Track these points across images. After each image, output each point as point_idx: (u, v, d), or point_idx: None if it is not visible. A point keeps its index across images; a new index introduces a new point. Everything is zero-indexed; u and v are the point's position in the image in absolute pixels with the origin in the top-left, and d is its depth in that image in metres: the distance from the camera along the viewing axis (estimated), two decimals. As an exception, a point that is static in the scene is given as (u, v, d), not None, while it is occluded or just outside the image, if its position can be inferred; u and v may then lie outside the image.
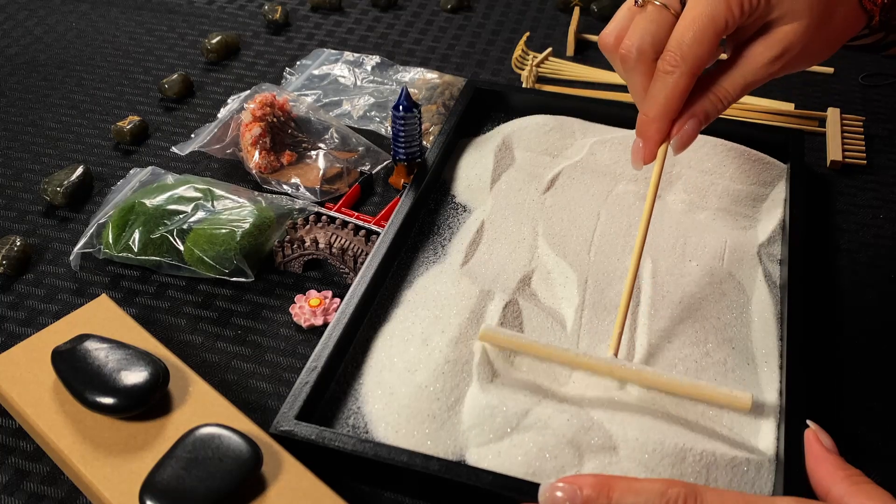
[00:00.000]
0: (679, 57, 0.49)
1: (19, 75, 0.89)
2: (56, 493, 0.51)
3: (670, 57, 0.50)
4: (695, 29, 0.49)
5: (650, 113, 0.52)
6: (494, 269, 0.62)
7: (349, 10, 1.00)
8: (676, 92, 0.51)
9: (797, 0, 0.49)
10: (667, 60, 0.50)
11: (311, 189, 0.71)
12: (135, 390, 0.50)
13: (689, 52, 0.49)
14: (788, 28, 0.50)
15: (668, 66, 0.50)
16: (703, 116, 0.52)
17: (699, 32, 0.49)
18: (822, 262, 0.66)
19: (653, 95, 0.51)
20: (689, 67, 0.50)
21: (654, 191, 0.55)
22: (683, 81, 0.50)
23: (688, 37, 0.49)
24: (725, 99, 0.52)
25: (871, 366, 0.58)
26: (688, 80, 0.50)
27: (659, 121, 0.52)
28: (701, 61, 0.50)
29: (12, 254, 0.65)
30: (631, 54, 0.51)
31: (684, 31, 0.49)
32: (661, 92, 0.51)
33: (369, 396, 0.54)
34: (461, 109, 0.75)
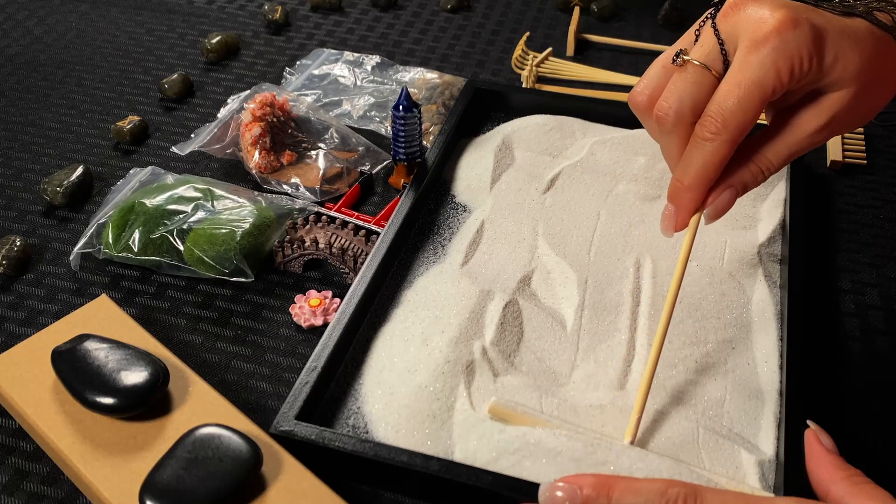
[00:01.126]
0: (720, 124, 0.46)
1: (19, 75, 0.89)
2: (56, 493, 0.51)
3: (710, 123, 0.46)
4: (739, 95, 0.45)
5: (685, 181, 0.48)
6: (494, 269, 0.62)
7: (349, 10, 1.00)
8: (715, 161, 0.47)
9: (846, 68, 0.46)
10: (706, 127, 0.46)
11: (311, 189, 0.71)
12: (135, 390, 0.50)
13: (732, 120, 0.45)
14: (837, 96, 0.46)
15: (708, 133, 0.46)
16: (741, 187, 0.49)
17: (744, 99, 0.45)
18: (822, 262, 0.66)
19: (689, 162, 0.48)
20: (731, 136, 0.46)
21: (684, 260, 0.52)
22: (724, 150, 0.46)
23: (731, 103, 0.45)
24: (767, 170, 0.49)
25: (872, 366, 0.58)
26: (728, 148, 0.46)
27: (694, 190, 0.49)
28: (743, 129, 0.46)
29: (12, 254, 0.65)
30: (668, 118, 0.47)
31: (727, 96, 0.45)
32: (698, 160, 0.47)
33: (369, 396, 0.54)
34: (461, 109, 0.75)
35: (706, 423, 0.52)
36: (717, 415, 0.53)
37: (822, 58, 0.45)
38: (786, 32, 0.44)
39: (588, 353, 0.56)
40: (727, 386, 0.54)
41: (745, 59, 0.45)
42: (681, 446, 0.50)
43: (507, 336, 0.57)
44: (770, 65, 0.44)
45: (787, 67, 0.45)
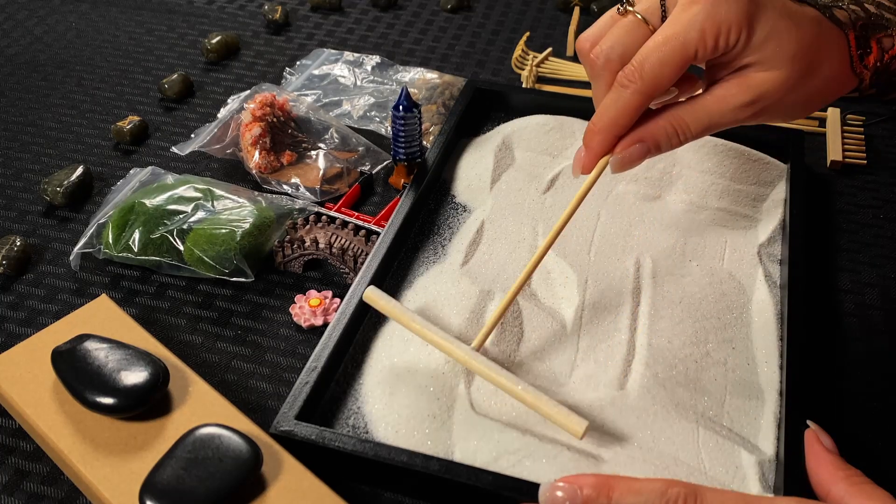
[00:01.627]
0: (638, 74, 0.47)
1: (19, 75, 0.89)
2: (56, 493, 0.51)
3: (630, 71, 0.47)
4: (662, 51, 0.46)
5: (598, 124, 0.50)
6: (494, 269, 0.62)
7: (349, 10, 1.00)
8: (627, 109, 0.48)
9: (779, 48, 0.46)
10: (626, 74, 0.48)
11: (311, 189, 0.71)
12: (135, 390, 0.50)
13: (650, 72, 0.47)
14: (766, 76, 0.47)
15: (626, 80, 0.48)
16: (653, 143, 0.50)
17: (665, 55, 0.46)
18: (822, 262, 0.66)
19: (604, 106, 0.49)
20: (646, 86, 0.47)
21: (577, 201, 0.53)
22: (636, 100, 0.48)
23: (653, 57, 0.47)
24: (683, 133, 0.49)
25: (872, 366, 0.58)
26: (641, 98, 0.48)
27: (603, 133, 0.50)
28: (659, 84, 0.47)
29: (12, 254, 0.65)
30: (598, 60, 0.49)
31: (651, 50, 0.47)
32: (611, 105, 0.49)
33: (369, 396, 0.54)
34: (461, 109, 0.75)
35: (706, 423, 0.52)
36: (717, 415, 0.53)
37: (752, 32, 0.46)
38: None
39: (588, 353, 0.56)
40: (727, 386, 0.54)
41: (676, 15, 0.47)
42: (681, 446, 0.50)
43: (507, 336, 0.57)
44: (697, 26, 0.45)
45: (713, 32, 0.45)
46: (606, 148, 0.50)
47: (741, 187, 0.69)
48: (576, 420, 0.49)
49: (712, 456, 0.50)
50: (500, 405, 0.52)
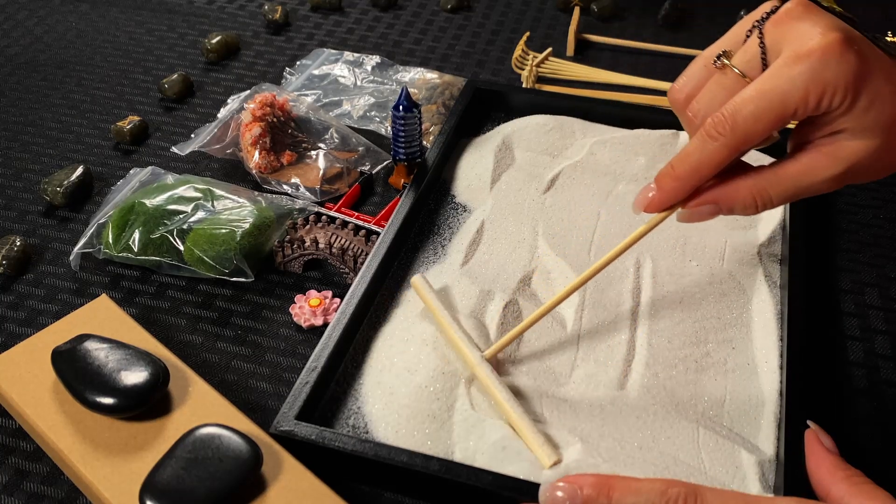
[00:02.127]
0: (729, 126, 0.43)
1: (19, 75, 0.89)
2: (56, 493, 0.51)
3: (720, 122, 0.44)
4: (758, 103, 0.42)
5: (677, 169, 0.46)
6: (494, 269, 0.62)
7: (349, 10, 1.00)
8: (712, 161, 0.45)
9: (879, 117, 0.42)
10: (715, 124, 0.44)
11: (311, 189, 0.71)
12: (135, 390, 0.50)
13: (742, 126, 0.43)
14: (859, 145, 0.43)
15: (714, 132, 0.44)
16: (727, 207, 0.47)
17: (762, 109, 0.42)
18: (822, 262, 0.66)
19: (686, 153, 0.45)
20: (736, 141, 0.44)
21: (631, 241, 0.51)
22: (723, 153, 0.44)
23: (747, 109, 0.43)
24: (763, 203, 0.46)
25: (872, 366, 0.58)
26: (728, 153, 0.44)
27: (682, 182, 0.46)
28: (750, 140, 0.44)
29: (12, 254, 0.65)
30: (697, 120, 0.46)
31: (746, 101, 0.43)
32: (695, 153, 0.45)
33: (369, 396, 0.54)
34: (461, 109, 0.75)
35: (706, 423, 0.52)
36: (717, 415, 0.53)
37: (857, 98, 0.42)
38: (829, 56, 0.41)
39: (588, 353, 0.56)
40: (727, 386, 0.54)
41: (778, 69, 0.42)
42: (681, 446, 0.50)
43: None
44: (801, 84, 0.42)
45: (818, 93, 0.42)
46: (680, 196, 0.47)
47: (741, 187, 0.69)
48: (548, 451, 0.48)
49: (712, 456, 0.50)
50: (500, 405, 0.52)
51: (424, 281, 0.58)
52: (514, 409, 0.50)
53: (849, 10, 0.45)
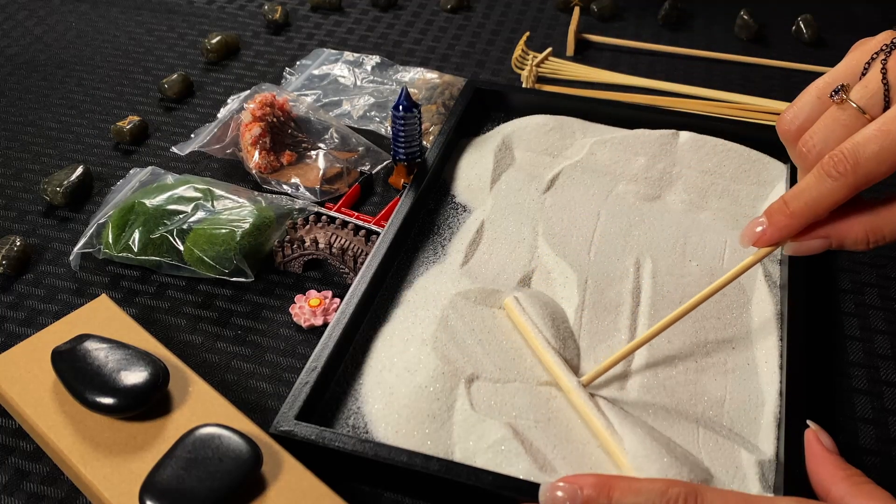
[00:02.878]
0: (850, 166, 0.42)
1: (19, 75, 0.89)
2: (56, 493, 0.51)
3: (840, 162, 0.42)
4: (883, 143, 0.41)
5: (791, 206, 0.45)
6: (494, 269, 0.62)
7: (349, 10, 1.00)
8: (830, 201, 0.44)
9: None
10: (835, 164, 0.42)
11: (311, 189, 0.71)
12: (135, 390, 0.50)
13: (864, 166, 0.42)
14: None
15: (834, 171, 0.43)
16: (838, 242, 0.45)
17: (886, 150, 0.41)
18: (822, 263, 0.66)
19: (802, 190, 0.44)
20: (857, 181, 0.42)
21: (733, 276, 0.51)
22: (842, 193, 0.43)
23: (871, 148, 0.41)
24: (876, 241, 0.45)
25: (871, 365, 0.58)
26: (848, 192, 0.43)
27: (796, 219, 0.45)
28: (871, 180, 0.42)
29: (12, 254, 0.65)
30: (811, 156, 0.44)
31: (870, 140, 0.42)
32: (812, 192, 0.44)
33: (369, 396, 0.54)
34: (461, 109, 0.75)
35: (706, 423, 0.52)
36: (717, 415, 0.53)
37: None
38: None
39: (588, 353, 0.56)
40: (727, 386, 0.54)
41: None
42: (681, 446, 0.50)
43: (508, 336, 0.57)
44: None
45: None
46: (792, 232, 0.46)
47: (741, 187, 0.69)
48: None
49: (712, 456, 0.50)
50: (500, 405, 0.52)
51: (517, 302, 0.57)
52: (612, 438, 0.49)
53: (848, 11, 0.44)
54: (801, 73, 0.88)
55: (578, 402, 0.52)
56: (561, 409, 0.52)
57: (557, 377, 0.53)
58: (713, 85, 0.85)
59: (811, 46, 0.92)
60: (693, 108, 0.81)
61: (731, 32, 0.95)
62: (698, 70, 0.89)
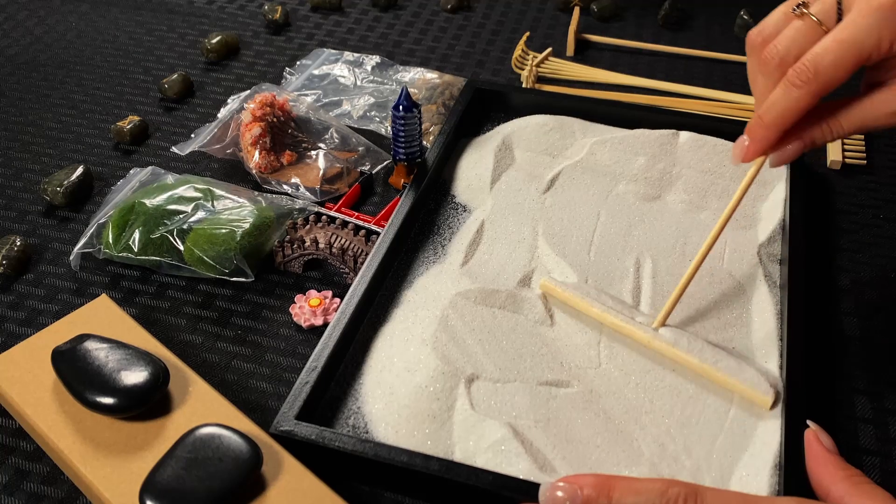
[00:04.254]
0: (812, 74, 0.48)
1: (19, 75, 0.89)
2: (56, 493, 0.51)
3: (803, 71, 0.48)
4: (837, 52, 0.47)
5: (766, 118, 0.51)
6: (494, 269, 0.62)
7: (349, 10, 1.00)
8: (797, 107, 0.50)
9: None
10: (798, 74, 0.49)
11: (311, 189, 0.71)
12: (135, 390, 0.50)
13: (823, 74, 0.48)
14: None
15: (798, 81, 0.49)
16: (809, 141, 0.52)
17: (840, 57, 0.47)
18: (822, 262, 0.66)
19: (773, 103, 0.50)
20: (818, 88, 0.48)
21: (741, 193, 0.56)
22: (807, 100, 0.49)
23: (827, 58, 0.48)
24: (837, 132, 0.51)
25: (872, 366, 0.58)
26: (812, 99, 0.49)
27: (771, 129, 0.51)
28: (831, 86, 0.48)
29: (12, 254, 0.65)
30: (773, 61, 0.50)
31: (826, 51, 0.48)
32: (782, 103, 0.50)
33: (369, 396, 0.54)
34: (461, 109, 0.75)
35: (706, 423, 0.52)
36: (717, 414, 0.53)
37: None
38: None
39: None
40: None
41: (854, 19, 0.47)
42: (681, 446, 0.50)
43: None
44: (875, 31, 0.46)
45: (889, 38, 0.47)
46: (771, 142, 0.52)
47: (741, 187, 0.69)
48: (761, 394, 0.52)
49: (712, 455, 0.50)
50: (500, 405, 0.52)
51: (553, 280, 0.60)
52: (714, 367, 0.53)
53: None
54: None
55: (664, 347, 0.55)
56: (561, 409, 0.52)
57: (631, 332, 0.56)
58: (713, 85, 0.85)
59: (811, 46, 0.92)
60: (693, 108, 0.81)
61: (731, 32, 0.95)
62: (698, 70, 0.89)
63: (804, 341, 0.55)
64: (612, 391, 0.54)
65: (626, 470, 0.49)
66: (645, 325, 0.56)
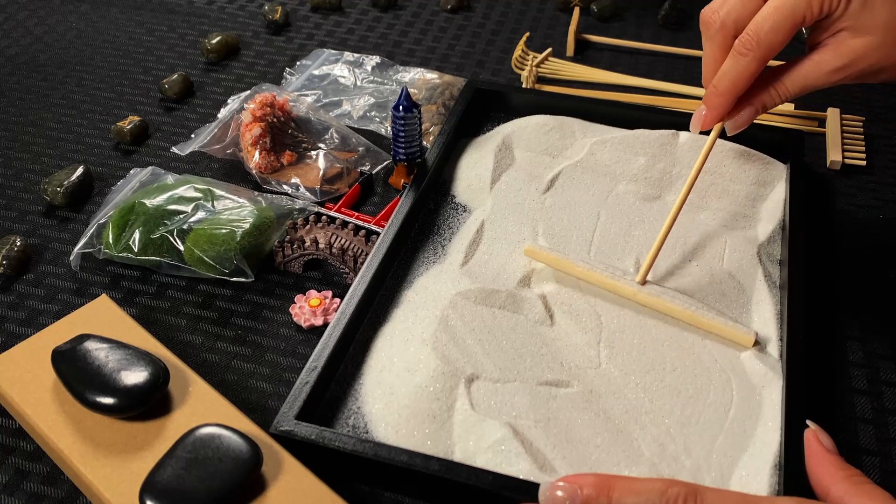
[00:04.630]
0: (755, 42, 0.53)
1: (19, 75, 0.89)
2: (56, 493, 0.51)
3: (747, 40, 0.54)
4: (774, 18, 0.53)
5: (719, 87, 0.57)
6: (494, 269, 0.62)
7: (349, 10, 1.00)
8: (746, 73, 0.55)
9: (873, 16, 0.52)
10: (743, 43, 0.54)
11: (311, 189, 0.71)
12: (135, 390, 0.50)
13: (765, 39, 0.53)
14: (858, 42, 0.53)
15: (744, 49, 0.54)
16: (760, 106, 0.57)
17: (777, 23, 0.53)
18: (822, 262, 0.66)
19: (725, 72, 0.56)
20: (763, 53, 0.54)
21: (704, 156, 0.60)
22: (754, 65, 0.54)
23: (767, 24, 0.53)
24: (783, 95, 0.57)
25: (871, 366, 0.58)
26: (759, 64, 0.54)
27: (725, 96, 0.57)
28: (773, 49, 0.54)
29: (12, 254, 0.65)
30: (714, 24, 0.56)
31: (765, 19, 0.53)
32: (732, 70, 0.55)
33: (369, 396, 0.54)
34: (461, 109, 0.75)
35: (706, 423, 0.52)
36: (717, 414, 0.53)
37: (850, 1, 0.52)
38: None
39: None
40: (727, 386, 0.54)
41: None
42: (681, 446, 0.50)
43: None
44: None
45: (819, 1, 0.52)
46: (727, 108, 0.58)
47: (741, 187, 0.69)
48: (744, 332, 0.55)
49: (712, 455, 0.50)
50: (500, 405, 0.52)
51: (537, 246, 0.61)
52: (697, 312, 0.56)
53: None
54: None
55: (649, 300, 0.58)
56: (561, 409, 0.52)
57: (615, 287, 0.58)
58: (713, 85, 0.85)
59: (811, 46, 0.92)
60: (693, 108, 0.81)
61: (731, 32, 0.95)
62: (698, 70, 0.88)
63: (804, 341, 0.55)
64: (612, 391, 0.54)
65: (626, 470, 0.49)
66: (629, 280, 0.58)
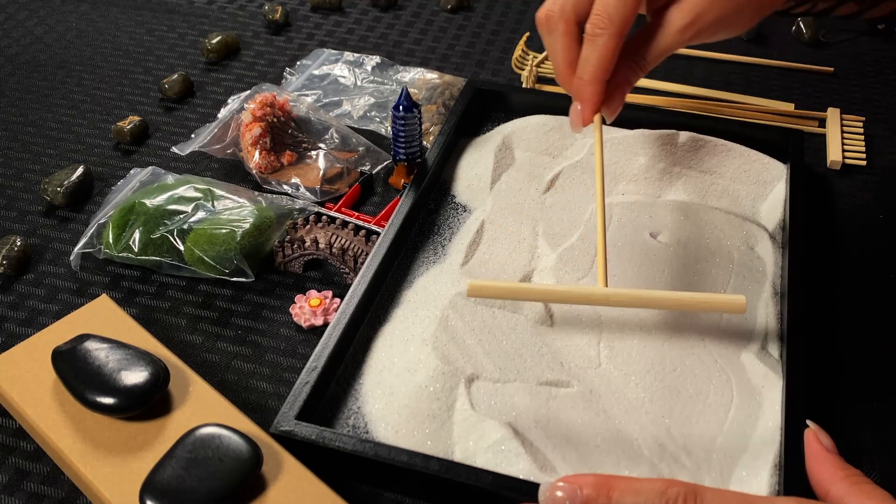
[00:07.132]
0: (606, 19, 0.52)
1: (19, 75, 0.89)
2: (56, 493, 0.51)
3: (598, 20, 0.53)
4: None
5: (585, 76, 0.55)
6: (494, 269, 0.62)
7: (349, 10, 1.00)
8: (607, 53, 0.53)
9: None
10: (595, 23, 0.53)
11: (311, 189, 0.71)
12: (135, 390, 0.50)
13: (616, 14, 0.52)
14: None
15: (597, 29, 0.53)
16: (626, 84, 0.56)
17: None
18: (822, 263, 0.66)
19: (585, 59, 0.54)
20: (617, 28, 0.53)
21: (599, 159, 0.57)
22: (612, 42, 0.53)
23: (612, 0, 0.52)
24: (644, 66, 0.56)
25: (871, 365, 0.58)
26: (616, 41, 0.53)
27: (594, 83, 0.55)
28: (626, 21, 0.53)
29: (12, 254, 0.65)
30: (553, 16, 0.55)
31: None
32: (592, 54, 0.54)
33: (369, 396, 0.54)
34: (461, 109, 0.75)
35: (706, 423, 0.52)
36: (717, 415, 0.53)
37: None
38: None
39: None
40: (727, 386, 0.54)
41: None
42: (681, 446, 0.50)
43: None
44: None
45: None
46: (600, 96, 0.56)
47: (741, 187, 0.69)
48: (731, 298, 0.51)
49: (712, 455, 0.50)
50: (500, 405, 0.52)
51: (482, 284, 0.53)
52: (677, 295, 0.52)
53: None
54: (801, 72, 0.88)
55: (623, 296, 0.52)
56: (561, 409, 0.52)
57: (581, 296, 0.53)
58: (713, 85, 0.85)
59: (811, 46, 0.92)
60: (693, 108, 0.81)
61: (731, 32, 0.95)
62: (698, 70, 0.89)
63: (804, 342, 0.55)
64: (612, 391, 0.54)
65: (626, 470, 0.49)
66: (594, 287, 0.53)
